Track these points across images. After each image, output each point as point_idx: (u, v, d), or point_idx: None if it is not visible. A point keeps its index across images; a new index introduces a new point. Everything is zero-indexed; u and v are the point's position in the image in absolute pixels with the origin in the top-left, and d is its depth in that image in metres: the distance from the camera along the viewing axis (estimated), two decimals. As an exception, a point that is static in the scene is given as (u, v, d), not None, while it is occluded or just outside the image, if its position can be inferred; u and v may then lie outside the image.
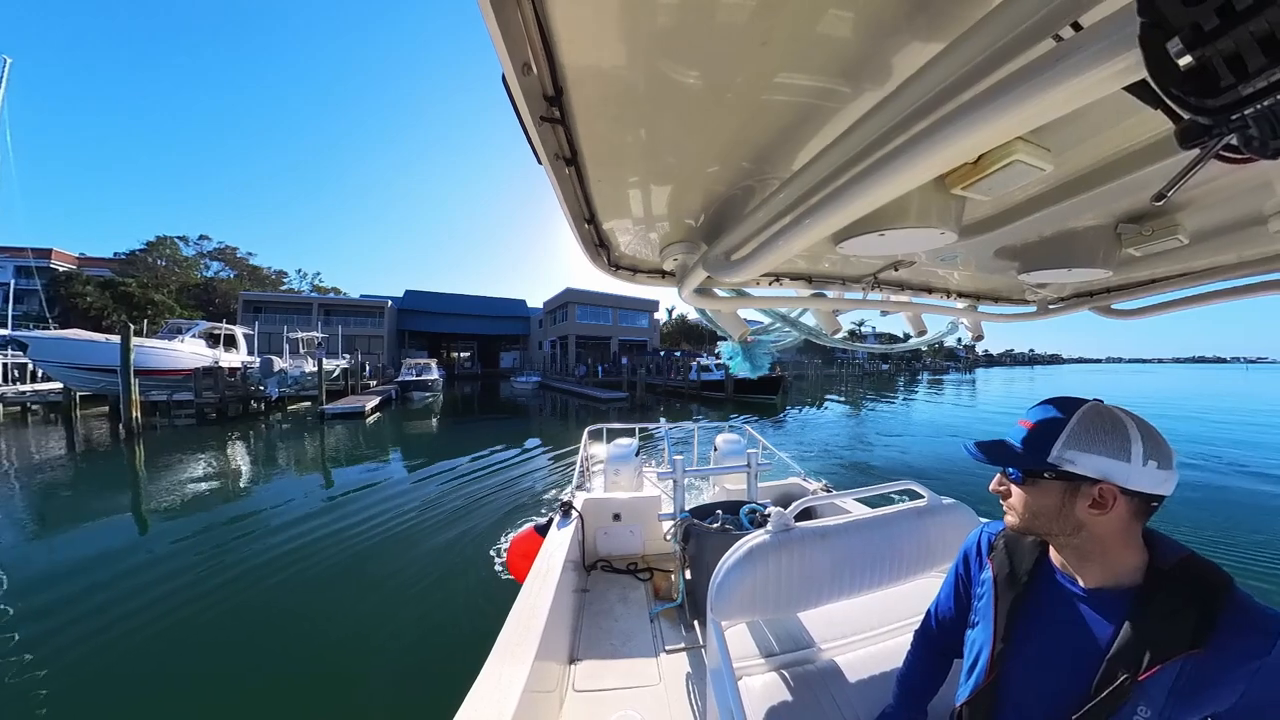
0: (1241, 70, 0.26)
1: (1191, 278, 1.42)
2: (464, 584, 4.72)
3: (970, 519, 1.46)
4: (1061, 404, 0.73)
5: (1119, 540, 0.69)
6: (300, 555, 5.39)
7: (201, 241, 45.78)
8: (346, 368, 24.62)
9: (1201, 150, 0.32)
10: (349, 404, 18.15)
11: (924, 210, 0.82)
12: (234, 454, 11.30)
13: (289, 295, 45.94)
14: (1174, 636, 0.64)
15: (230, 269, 47.74)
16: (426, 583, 4.73)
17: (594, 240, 1.13)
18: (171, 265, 41.90)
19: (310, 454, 11.49)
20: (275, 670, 3.50)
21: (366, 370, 28.78)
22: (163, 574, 4.95)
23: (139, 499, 7.73)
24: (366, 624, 4.05)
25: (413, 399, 24.28)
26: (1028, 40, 0.40)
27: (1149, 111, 0.32)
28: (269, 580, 4.83)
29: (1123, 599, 0.69)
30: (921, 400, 28.85)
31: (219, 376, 17.39)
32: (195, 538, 5.98)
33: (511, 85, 0.57)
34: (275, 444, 12.71)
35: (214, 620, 4.10)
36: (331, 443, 12.85)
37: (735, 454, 3.47)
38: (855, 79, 0.61)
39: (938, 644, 1.02)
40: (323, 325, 33.87)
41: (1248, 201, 0.96)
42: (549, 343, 48.14)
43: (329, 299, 46.12)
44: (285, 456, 11.14)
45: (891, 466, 10.64)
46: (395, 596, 4.50)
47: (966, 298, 1.87)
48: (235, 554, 5.46)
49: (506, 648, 1.47)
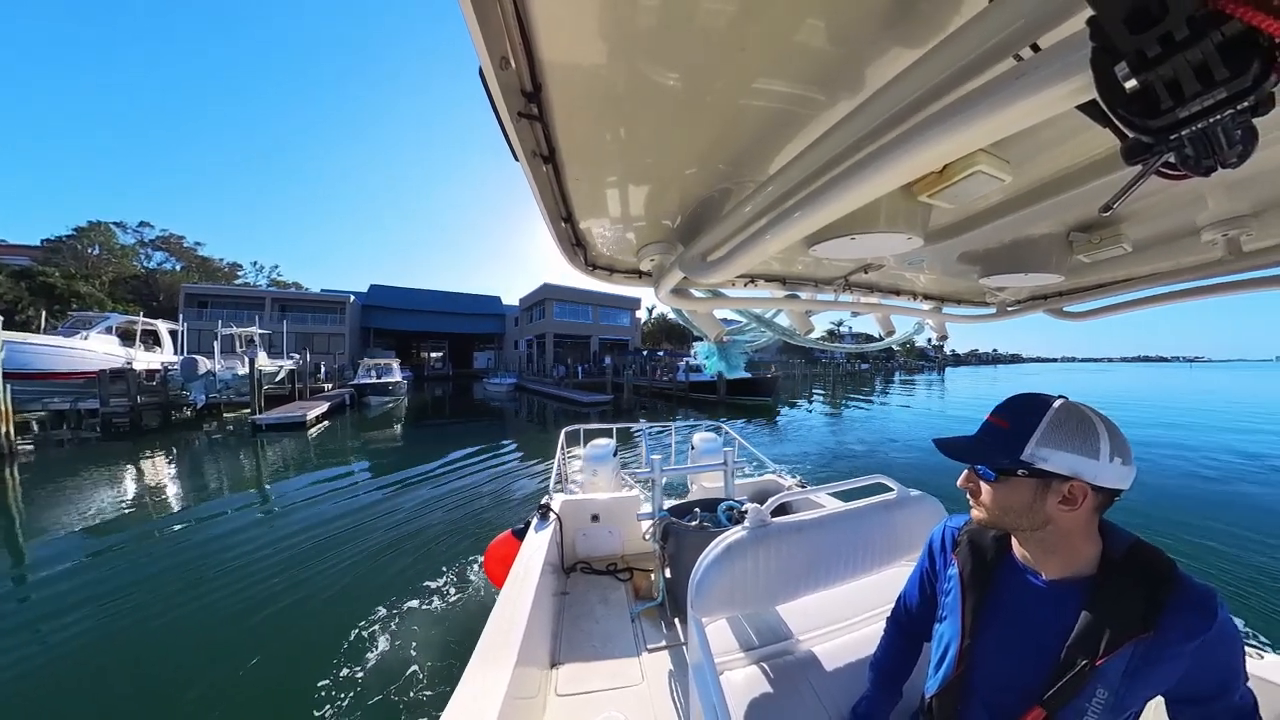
0: (1179, 95, 0.28)
1: (1135, 282, 1.52)
2: (429, 610, 4.16)
3: (937, 510, 1.52)
4: (1031, 402, 0.75)
5: (1081, 534, 0.73)
6: (204, 609, 4.27)
7: (142, 229, 41.07)
8: (294, 368, 21.27)
9: (1144, 166, 0.34)
10: (287, 412, 15.19)
11: (893, 216, 0.84)
12: (135, 479, 8.78)
13: (238, 289, 41.57)
14: (1126, 622, 0.68)
15: (177, 260, 43.69)
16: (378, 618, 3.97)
17: (571, 239, 1.12)
18: (106, 254, 36.76)
19: (230, 477, 9.16)
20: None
21: (322, 372, 26.13)
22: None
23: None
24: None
25: (370, 404, 21.48)
26: (990, 59, 0.42)
27: (1098, 129, 0.34)
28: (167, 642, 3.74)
29: (1079, 588, 0.73)
30: (902, 398, 29.75)
31: (132, 380, 14.19)
32: (72, 594, 4.48)
33: (489, 79, 0.56)
34: (190, 464, 10.24)
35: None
36: (261, 461, 10.61)
37: (712, 452, 3.51)
38: (830, 88, 0.63)
39: (908, 631, 1.07)
40: (277, 322, 30.36)
41: (1184, 214, 1.03)
42: (525, 342, 45.73)
43: (284, 293, 41.93)
44: (198, 480, 8.85)
45: (874, 462, 10.94)
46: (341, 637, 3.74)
47: (932, 300, 1.95)
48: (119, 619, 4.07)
49: (486, 654, 1.44)
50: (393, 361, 26.66)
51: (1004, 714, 0.75)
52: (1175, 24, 0.26)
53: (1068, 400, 0.74)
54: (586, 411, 19.80)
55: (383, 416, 18.71)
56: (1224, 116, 0.27)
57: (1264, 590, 4.82)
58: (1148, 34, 0.27)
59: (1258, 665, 1.16)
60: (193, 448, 11.99)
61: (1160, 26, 0.26)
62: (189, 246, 45.28)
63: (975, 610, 0.82)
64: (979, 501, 0.79)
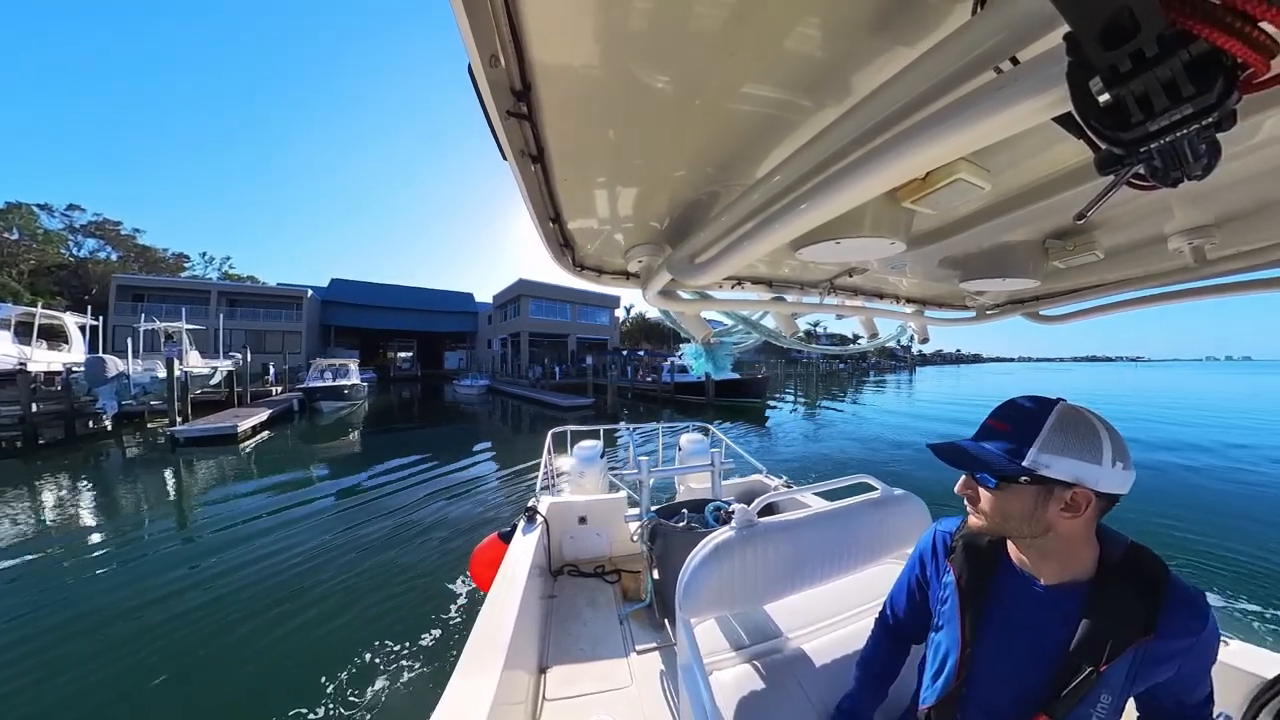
0: (1150, 109, 0.29)
1: (1107, 288, 1.57)
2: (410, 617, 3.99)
3: (920, 508, 1.55)
4: (1032, 405, 0.72)
5: (1081, 539, 0.72)
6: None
7: (72, 213, 36.19)
8: (234, 370, 18.83)
9: (1115, 177, 0.36)
10: (215, 423, 12.80)
11: (877, 221, 0.86)
12: (5, 509, 7.05)
13: (179, 280, 36.56)
14: (1128, 626, 0.68)
15: (113, 249, 38.95)
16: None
17: (559, 239, 1.11)
18: (27, 239, 32.49)
19: (133, 506, 7.41)
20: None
21: (271, 374, 23.42)
22: None
23: None
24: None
25: (322, 410, 18.89)
26: (972, 71, 0.44)
27: (1073, 140, 0.35)
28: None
29: (1078, 592, 0.72)
30: (879, 396, 30.57)
31: (24, 385, 11.80)
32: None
33: (478, 77, 0.56)
34: (88, 489, 8.30)
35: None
36: (182, 483, 8.65)
37: (699, 453, 3.52)
38: (818, 94, 0.64)
39: (895, 633, 1.06)
40: (226, 318, 27.74)
41: (1152, 223, 1.07)
42: (499, 341, 43.16)
43: (232, 285, 37.31)
44: (92, 511, 7.18)
45: (858, 459, 11.12)
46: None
47: (914, 303, 1.99)
48: None
49: (472, 660, 1.43)
50: (350, 362, 23.83)
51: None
52: (1146, 42, 0.27)
53: (1067, 402, 0.71)
54: (567, 416, 18.58)
55: (337, 424, 16.65)
56: (1190, 131, 0.29)
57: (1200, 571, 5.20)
58: (1121, 50, 0.28)
59: (1225, 652, 1.21)
60: (94, 468, 9.94)
61: (1132, 44, 0.27)
62: (126, 234, 40.35)
63: (975, 618, 0.80)
64: (978, 509, 0.76)
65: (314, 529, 6.43)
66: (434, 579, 4.92)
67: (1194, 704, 0.75)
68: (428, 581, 4.89)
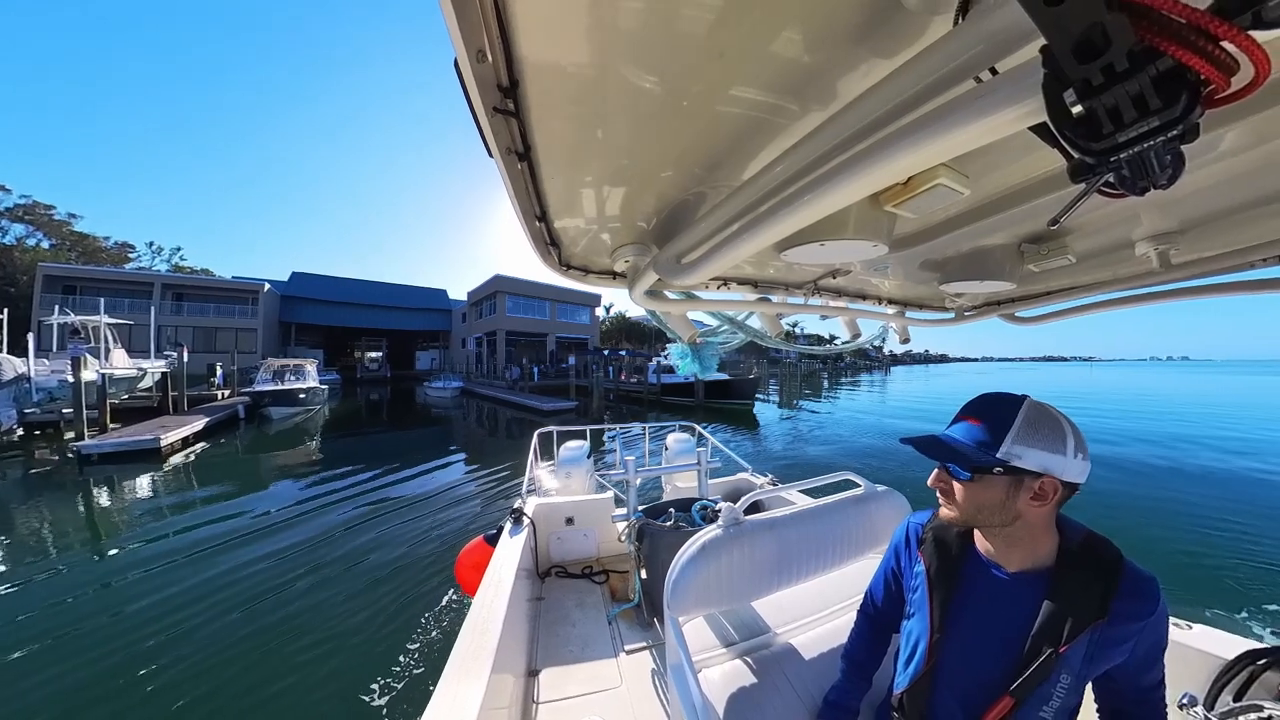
0: (1119, 121, 0.30)
1: (1079, 290, 1.63)
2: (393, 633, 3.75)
3: (901, 504, 1.58)
4: (1001, 401, 0.76)
5: (1044, 527, 0.76)
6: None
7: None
8: (167, 371, 16.47)
9: (1087, 184, 0.37)
10: (130, 437, 10.79)
11: (860, 224, 0.88)
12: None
13: (115, 271, 32.35)
14: (1085, 610, 0.72)
15: (45, 235, 34.56)
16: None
17: (545, 238, 1.11)
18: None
19: (29, 539, 6.09)
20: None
21: (217, 375, 20.59)
22: None
23: None
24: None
25: (270, 417, 16.78)
26: (953, 80, 0.45)
27: (1047, 149, 0.36)
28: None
29: (1040, 579, 0.76)
30: (855, 394, 31.37)
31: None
32: None
33: (465, 72, 0.55)
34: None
35: None
36: (89, 509, 7.22)
37: (686, 453, 3.54)
38: (803, 98, 0.64)
39: (876, 623, 1.10)
40: (172, 312, 25.76)
41: (1121, 230, 1.12)
42: (474, 340, 40.55)
43: (179, 277, 33.14)
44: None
45: (840, 458, 11.36)
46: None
47: (896, 304, 2.03)
48: None
49: (460, 665, 1.41)
50: (307, 363, 21.73)
51: (974, 704, 0.78)
52: (1117, 56, 0.28)
53: (1032, 398, 0.76)
54: (547, 421, 16.58)
55: (290, 433, 14.66)
56: (1157, 142, 0.30)
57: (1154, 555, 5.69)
58: (1093, 64, 0.29)
59: (1186, 635, 1.27)
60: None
61: (1105, 58, 0.28)
62: (60, 219, 35.83)
63: (943, 606, 0.85)
64: (951, 500, 0.79)
65: (249, 555, 5.59)
66: (415, 588, 4.73)
67: (1148, 685, 0.79)
68: (407, 590, 4.70)
